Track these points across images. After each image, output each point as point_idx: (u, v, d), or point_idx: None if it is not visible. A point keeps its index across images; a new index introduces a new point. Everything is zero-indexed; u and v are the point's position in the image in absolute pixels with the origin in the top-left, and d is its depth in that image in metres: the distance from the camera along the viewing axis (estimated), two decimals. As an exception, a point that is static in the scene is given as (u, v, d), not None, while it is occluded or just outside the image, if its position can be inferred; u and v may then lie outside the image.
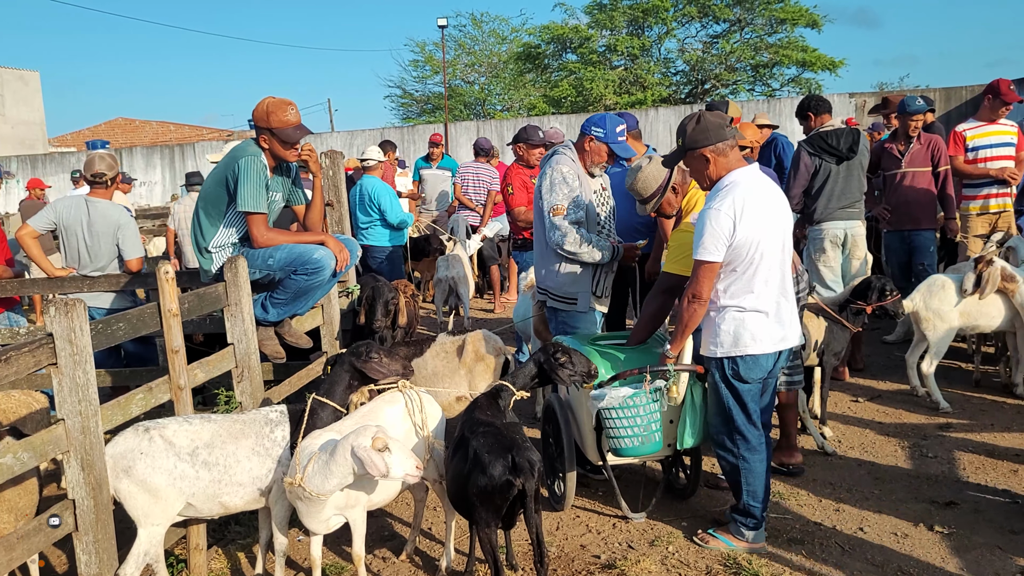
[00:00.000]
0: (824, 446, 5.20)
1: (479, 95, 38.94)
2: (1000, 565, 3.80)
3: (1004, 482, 4.66)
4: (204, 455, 3.54)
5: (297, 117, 4.55)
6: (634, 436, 3.94)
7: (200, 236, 4.68)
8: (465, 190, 10.24)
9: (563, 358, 3.90)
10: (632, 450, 4.00)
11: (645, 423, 3.92)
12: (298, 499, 3.41)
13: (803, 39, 31.29)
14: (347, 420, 3.72)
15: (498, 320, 9.46)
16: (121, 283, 5.33)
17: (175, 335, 3.87)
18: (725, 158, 3.79)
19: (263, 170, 4.49)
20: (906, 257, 6.98)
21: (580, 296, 4.92)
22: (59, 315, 3.08)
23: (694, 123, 3.84)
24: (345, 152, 21.63)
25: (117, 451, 3.46)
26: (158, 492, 3.46)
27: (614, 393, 3.88)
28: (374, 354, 3.87)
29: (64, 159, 26.33)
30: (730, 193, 3.72)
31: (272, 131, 4.48)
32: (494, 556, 3.35)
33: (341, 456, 3.25)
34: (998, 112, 6.93)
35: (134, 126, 39.45)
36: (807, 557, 3.93)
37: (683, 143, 3.88)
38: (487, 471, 3.28)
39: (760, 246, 3.73)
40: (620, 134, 4.87)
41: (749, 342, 3.81)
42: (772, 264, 3.80)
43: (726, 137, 3.78)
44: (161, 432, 3.53)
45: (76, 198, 5.84)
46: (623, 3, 32.26)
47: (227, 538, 4.33)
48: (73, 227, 5.59)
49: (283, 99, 4.54)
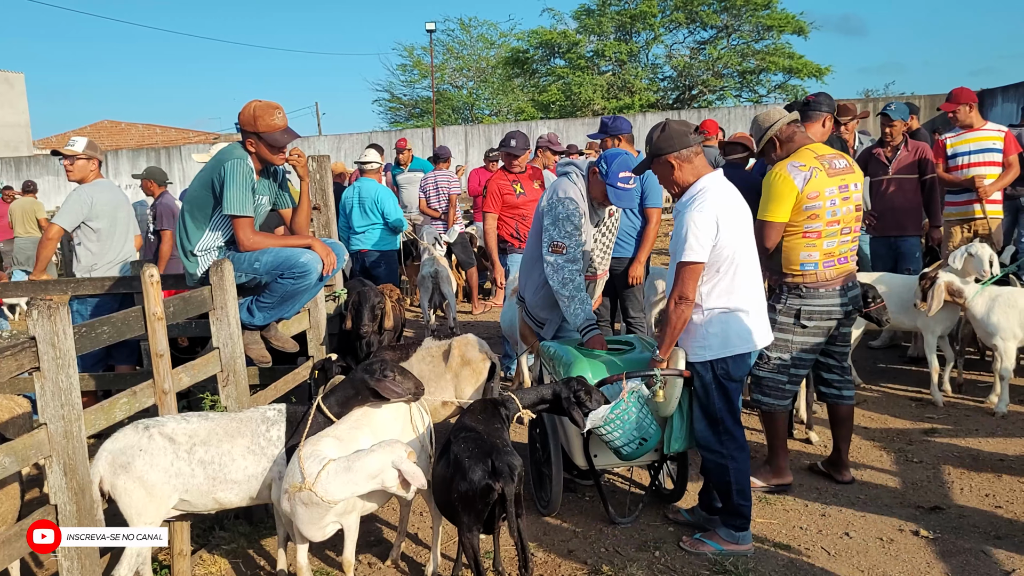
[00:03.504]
0: None
1: (467, 100, 39.00)
2: (985, 570, 3.81)
3: (988, 487, 4.68)
4: (200, 453, 3.53)
5: (284, 121, 4.51)
6: (634, 440, 3.95)
7: (185, 239, 4.63)
8: (428, 201, 10.27)
9: (584, 397, 3.88)
10: (640, 451, 4.01)
11: (638, 424, 3.92)
12: (301, 505, 3.35)
13: (789, 46, 31.53)
14: (342, 424, 3.69)
15: (483, 323, 9.46)
16: (106, 286, 5.29)
17: (160, 339, 3.84)
18: (691, 164, 3.89)
19: (250, 173, 4.45)
20: (892, 263, 7.02)
21: (548, 323, 4.90)
22: (42, 319, 3.05)
23: (659, 131, 3.97)
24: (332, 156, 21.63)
25: (116, 447, 3.45)
26: (154, 489, 3.44)
27: (595, 415, 3.87)
28: (388, 372, 3.77)
29: (49, 161, 26.15)
30: (706, 196, 3.81)
31: (259, 135, 4.44)
32: (476, 560, 3.35)
33: (375, 466, 3.27)
34: (960, 117, 6.88)
35: (120, 129, 39.25)
36: (793, 562, 3.94)
37: (650, 150, 4.03)
38: (467, 476, 3.28)
39: (739, 246, 3.83)
40: (623, 180, 4.53)
41: (737, 341, 3.87)
42: (750, 263, 3.91)
43: (690, 144, 3.89)
44: (161, 429, 3.51)
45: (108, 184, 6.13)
46: (611, 9, 32.41)
47: (211, 543, 4.30)
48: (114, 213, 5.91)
49: (270, 103, 4.50)
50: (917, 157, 6.80)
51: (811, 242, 4.39)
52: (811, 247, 4.40)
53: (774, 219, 4.38)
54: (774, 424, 4.69)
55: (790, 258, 4.46)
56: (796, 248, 4.42)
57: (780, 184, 4.35)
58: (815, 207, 4.32)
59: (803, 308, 4.44)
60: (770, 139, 4.55)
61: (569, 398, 3.87)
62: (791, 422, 5.67)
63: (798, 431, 5.63)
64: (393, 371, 3.80)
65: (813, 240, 4.38)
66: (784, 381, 4.57)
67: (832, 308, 4.46)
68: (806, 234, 4.38)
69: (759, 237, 4.36)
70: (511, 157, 7.18)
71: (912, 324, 6.25)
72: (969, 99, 6.88)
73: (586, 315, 4.56)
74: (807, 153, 4.40)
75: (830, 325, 4.50)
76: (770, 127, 4.52)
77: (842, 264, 4.49)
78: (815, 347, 4.56)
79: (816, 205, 4.31)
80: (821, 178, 4.30)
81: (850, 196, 4.40)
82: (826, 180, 4.31)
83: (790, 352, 4.52)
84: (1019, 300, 5.75)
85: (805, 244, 4.40)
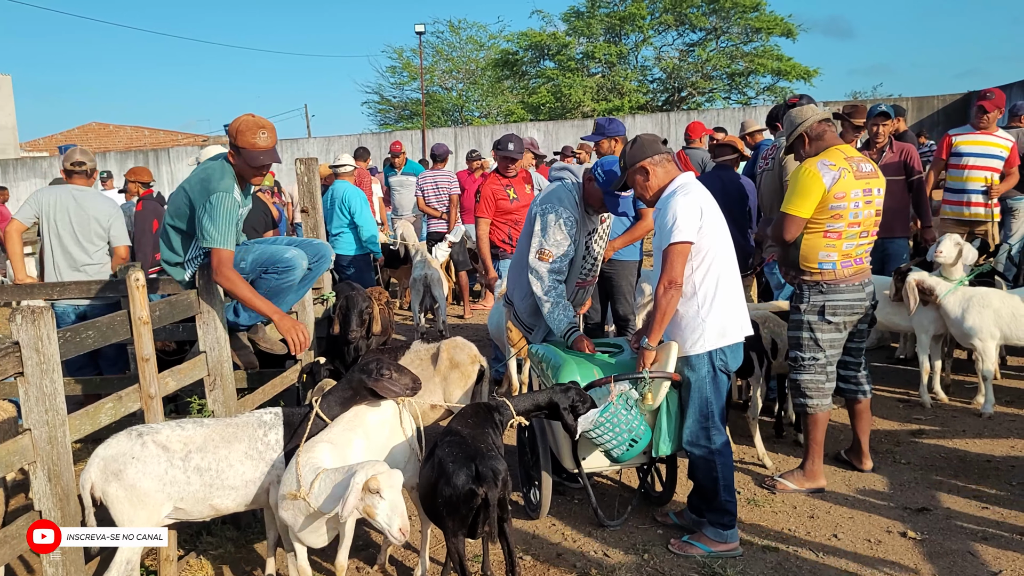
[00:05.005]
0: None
1: (457, 101, 39.00)
2: (972, 571, 3.83)
3: (975, 488, 4.70)
4: (197, 460, 3.49)
5: (267, 142, 4.25)
6: (624, 443, 3.98)
7: (171, 251, 4.48)
8: (427, 199, 10.24)
9: (580, 405, 3.90)
10: (630, 453, 4.05)
11: (628, 426, 3.94)
12: (297, 511, 3.32)
13: (778, 48, 31.67)
14: (334, 428, 3.66)
15: (472, 327, 9.44)
16: (93, 290, 5.25)
17: (146, 343, 3.82)
18: (663, 169, 4.05)
19: (234, 207, 4.24)
20: (880, 265, 7.03)
21: (537, 329, 4.90)
22: (26, 323, 3.03)
23: (631, 145, 4.14)
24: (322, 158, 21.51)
25: (109, 454, 3.41)
26: (146, 498, 3.40)
27: (584, 419, 3.90)
28: (385, 371, 3.75)
29: (36, 164, 26.02)
30: (688, 188, 3.95)
31: (239, 149, 4.26)
32: (462, 565, 3.34)
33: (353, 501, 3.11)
34: (980, 120, 6.99)
35: (108, 131, 39.07)
36: (781, 564, 3.95)
37: (624, 163, 4.15)
38: (451, 481, 3.27)
39: (722, 236, 3.96)
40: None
41: (734, 330, 3.98)
42: (732, 255, 4.02)
43: (661, 151, 4.07)
44: (154, 437, 3.47)
45: (59, 188, 5.90)
46: (600, 11, 32.47)
47: (199, 548, 4.27)
48: (59, 217, 5.65)
49: (259, 121, 4.27)
50: (903, 158, 6.82)
51: (831, 242, 4.43)
52: (831, 247, 4.45)
53: (797, 213, 4.41)
54: (816, 426, 4.71)
55: (808, 256, 4.50)
56: (816, 247, 4.46)
57: (808, 180, 4.37)
58: (840, 207, 4.36)
59: (827, 304, 4.51)
60: (800, 135, 4.58)
61: (567, 405, 3.88)
62: (780, 425, 5.69)
63: (790, 433, 5.65)
64: (389, 369, 3.78)
65: (833, 240, 4.43)
66: (823, 380, 4.64)
67: (855, 303, 4.53)
68: (827, 233, 4.42)
69: (779, 229, 4.47)
70: (508, 161, 7.13)
71: (906, 324, 6.27)
72: (1002, 103, 6.97)
73: (568, 320, 4.57)
74: (837, 153, 4.43)
75: (854, 320, 4.59)
76: (802, 123, 4.56)
77: (859, 264, 4.55)
78: (841, 343, 4.65)
79: (841, 206, 4.35)
80: (849, 179, 4.34)
81: (872, 200, 4.45)
82: (853, 182, 4.36)
83: (823, 350, 4.59)
84: (993, 300, 5.78)
85: (825, 244, 4.44)
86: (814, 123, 4.52)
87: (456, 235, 9.64)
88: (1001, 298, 5.79)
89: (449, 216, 10.14)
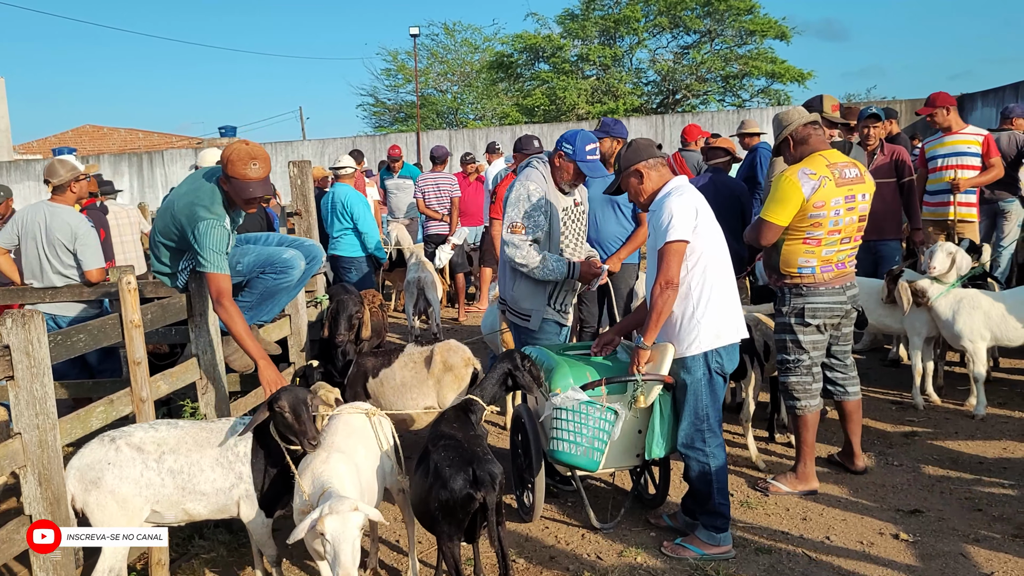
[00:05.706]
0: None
1: (451, 104, 38.96)
2: (964, 573, 3.83)
3: (967, 490, 4.71)
4: (170, 461, 3.46)
5: (259, 173, 4.11)
6: (572, 443, 3.97)
7: (161, 263, 4.44)
8: (427, 201, 10.23)
9: (527, 363, 4.02)
10: (563, 455, 4.03)
11: (590, 435, 3.95)
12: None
13: (772, 51, 31.66)
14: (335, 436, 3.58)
15: (466, 330, 9.44)
16: (84, 294, 5.24)
17: (137, 346, 3.81)
18: (657, 172, 4.09)
19: (224, 236, 4.18)
20: (872, 267, 7.05)
21: (533, 314, 4.89)
22: (16, 327, 3.02)
23: (626, 148, 4.18)
24: (316, 160, 21.46)
25: (84, 463, 3.38)
26: (127, 502, 3.38)
27: (570, 394, 3.93)
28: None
29: (29, 166, 25.93)
30: (682, 190, 3.98)
31: (230, 178, 4.15)
32: (457, 569, 3.33)
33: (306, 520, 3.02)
34: (934, 125, 7.09)
35: (102, 133, 38.95)
36: (774, 566, 3.95)
37: (619, 166, 4.19)
38: (448, 485, 3.26)
39: (716, 237, 3.97)
40: (591, 152, 4.70)
41: (729, 330, 3.99)
42: (726, 256, 4.04)
43: (655, 155, 4.11)
44: (127, 440, 3.45)
45: (37, 204, 5.73)
46: (595, 13, 32.46)
47: (190, 552, 4.26)
48: (32, 233, 5.47)
49: (251, 151, 4.10)
50: (893, 160, 6.84)
51: (810, 248, 4.46)
52: (810, 253, 4.47)
53: (774, 220, 4.44)
54: (807, 428, 4.72)
55: (788, 261, 4.54)
56: (796, 252, 4.49)
57: (787, 188, 4.38)
58: (819, 216, 4.37)
59: (806, 306, 4.53)
60: (785, 138, 4.60)
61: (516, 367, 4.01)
62: (772, 427, 5.70)
63: (783, 437, 5.66)
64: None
65: (813, 247, 4.46)
66: (810, 381, 4.66)
67: (835, 305, 4.55)
68: (807, 240, 4.45)
69: (755, 234, 4.53)
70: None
71: (899, 326, 6.28)
72: (946, 102, 6.98)
73: (564, 261, 4.72)
74: (819, 160, 4.43)
75: (835, 322, 4.61)
76: (787, 126, 4.58)
77: (840, 269, 4.56)
78: (824, 344, 4.66)
79: (820, 214, 4.37)
80: (829, 188, 4.35)
81: (855, 206, 4.45)
82: (834, 190, 4.36)
83: (806, 352, 4.61)
84: (982, 302, 5.80)
85: (804, 250, 4.47)
86: (799, 126, 4.54)
87: (459, 237, 9.64)
88: (991, 300, 5.81)
89: (451, 218, 10.12)
